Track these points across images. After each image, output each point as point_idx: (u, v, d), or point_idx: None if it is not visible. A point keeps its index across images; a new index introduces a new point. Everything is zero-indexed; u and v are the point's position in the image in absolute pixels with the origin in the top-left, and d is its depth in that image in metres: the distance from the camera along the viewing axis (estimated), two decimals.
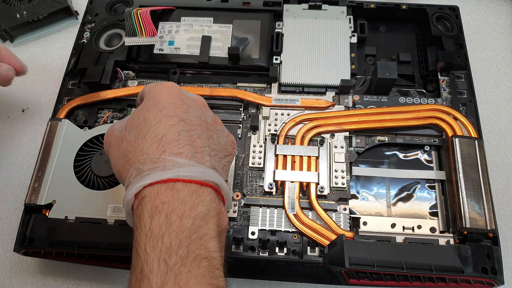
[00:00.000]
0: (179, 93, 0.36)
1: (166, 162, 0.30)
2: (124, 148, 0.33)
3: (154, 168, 0.30)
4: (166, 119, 0.33)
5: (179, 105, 0.34)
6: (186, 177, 0.30)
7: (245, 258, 0.47)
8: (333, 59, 0.57)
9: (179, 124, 0.33)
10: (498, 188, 0.56)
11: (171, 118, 0.33)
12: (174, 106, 0.34)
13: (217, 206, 0.32)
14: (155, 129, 0.32)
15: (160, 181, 0.30)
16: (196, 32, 0.60)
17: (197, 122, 0.34)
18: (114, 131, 0.36)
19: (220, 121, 0.39)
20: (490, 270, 0.43)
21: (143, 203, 0.30)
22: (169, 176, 0.30)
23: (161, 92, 0.35)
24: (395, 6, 0.62)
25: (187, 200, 0.30)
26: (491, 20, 0.69)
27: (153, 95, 0.35)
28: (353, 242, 0.44)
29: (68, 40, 0.68)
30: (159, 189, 0.30)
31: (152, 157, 0.31)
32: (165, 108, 0.33)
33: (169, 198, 0.29)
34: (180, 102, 0.34)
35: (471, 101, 0.55)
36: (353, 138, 0.53)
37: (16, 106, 0.63)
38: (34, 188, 0.48)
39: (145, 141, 0.32)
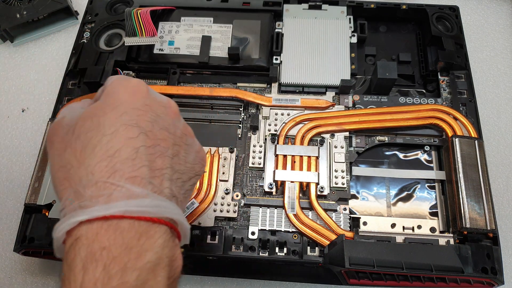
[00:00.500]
0: (147, 96, 0.29)
1: (113, 190, 0.24)
2: (67, 158, 0.26)
3: (97, 197, 0.24)
4: (124, 129, 0.26)
5: (144, 111, 0.28)
6: (135, 212, 0.24)
7: (245, 258, 0.47)
8: (333, 59, 0.57)
9: (139, 138, 0.26)
10: (498, 188, 0.56)
11: (130, 128, 0.26)
12: (137, 112, 0.28)
13: (170, 251, 0.26)
14: (109, 140, 0.26)
15: (102, 217, 0.23)
16: (196, 32, 0.60)
17: (162, 135, 0.28)
18: (60, 127, 0.29)
19: (191, 132, 0.33)
20: (490, 270, 0.43)
21: (76, 247, 0.23)
22: (114, 212, 0.23)
23: (124, 91, 0.28)
24: (395, 6, 0.62)
25: (133, 245, 0.23)
26: (491, 20, 0.69)
27: (115, 93, 0.28)
28: (353, 242, 0.44)
29: (68, 40, 0.68)
30: (99, 228, 0.23)
31: (98, 179, 0.24)
32: (126, 114, 0.27)
33: (111, 241, 0.23)
34: (145, 108, 0.28)
35: (471, 101, 0.55)
36: (353, 138, 0.53)
37: (16, 106, 0.63)
38: (34, 188, 0.48)
39: (94, 155, 0.25)
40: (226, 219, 0.49)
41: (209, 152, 0.52)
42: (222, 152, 0.52)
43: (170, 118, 0.30)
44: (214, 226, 0.48)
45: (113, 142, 0.26)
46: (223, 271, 0.51)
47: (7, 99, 0.64)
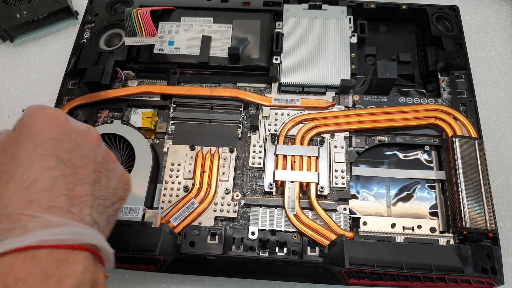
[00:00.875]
0: (65, 124, 0.29)
1: (28, 222, 0.23)
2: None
3: (11, 230, 0.23)
4: (40, 160, 0.26)
5: (61, 141, 0.27)
6: (52, 241, 0.23)
7: (245, 258, 0.47)
8: (333, 59, 0.57)
9: (57, 168, 0.26)
10: (498, 188, 0.56)
11: (47, 158, 0.26)
12: (54, 142, 0.27)
13: (93, 275, 0.26)
14: (24, 172, 0.25)
15: (16, 249, 0.22)
16: (196, 32, 0.60)
17: (82, 163, 0.28)
18: None
19: (114, 157, 0.33)
20: (490, 270, 0.43)
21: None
22: (29, 242, 0.23)
23: (41, 121, 0.28)
24: (395, 6, 0.62)
25: (51, 273, 0.23)
26: (491, 20, 0.69)
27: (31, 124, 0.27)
28: (353, 242, 0.44)
29: (68, 40, 0.68)
30: (14, 260, 0.22)
31: (12, 211, 0.24)
32: (43, 145, 0.26)
33: (27, 272, 0.22)
34: (63, 137, 0.28)
35: (471, 101, 0.55)
36: (353, 138, 0.53)
37: (16, 106, 0.63)
38: None
39: (8, 188, 0.24)
40: (226, 219, 0.49)
41: (209, 152, 0.52)
42: (222, 152, 0.52)
43: (90, 145, 0.30)
44: (214, 226, 0.48)
45: (29, 174, 0.25)
46: (223, 271, 0.51)
47: (7, 99, 0.64)
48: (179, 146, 0.53)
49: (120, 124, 0.53)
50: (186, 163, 0.51)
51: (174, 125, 0.56)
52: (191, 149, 0.52)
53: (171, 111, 0.56)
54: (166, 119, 0.56)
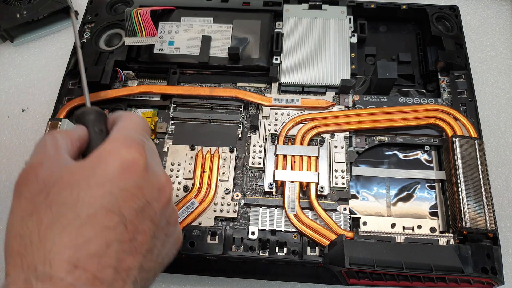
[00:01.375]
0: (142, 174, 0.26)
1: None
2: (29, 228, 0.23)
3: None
4: (103, 215, 0.23)
5: (132, 196, 0.25)
6: None
7: (245, 258, 0.47)
8: (333, 59, 0.57)
9: (116, 230, 0.24)
10: (498, 188, 0.56)
11: (110, 215, 0.24)
12: (124, 196, 0.25)
13: None
14: (82, 225, 0.23)
15: None
16: (196, 32, 0.60)
17: (144, 226, 0.25)
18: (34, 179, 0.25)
19: (176, 220, 0.31)
20: (490, 270, 0.43)
21: None
22: None
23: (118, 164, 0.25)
24: (395, 6, 0.62)
25: None
26: (491, 20, 0.69)
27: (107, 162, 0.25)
28: (353, 242, 0.44)
29: (68, 40, 0.68)
30: None
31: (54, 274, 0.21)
32: (111, 196, 0.24)
33: None
34: (135, 192, 0.25)
35: (471, 101, 0.55)
36: (353, 138, 0.53)
37: (16, 106, 0.63)
38: None
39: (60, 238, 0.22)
40: (226, 219, 0.49)
41: (209, 152, 0.52)
42: (222, 152, 0.52)
43: (160, 205, 0.27)
44: (214, 226, 0.48)
45: (86, 229, 0.23)
46: (223, 271, 0.51)
47: (7, 99, 0.64)
48: (179, 146, 0.53)
49: None
50: (186, 163, 0.51)
51: (174, 125, 0.56)
52: (191, 149, 0.52)
53: (171, 111, 0.56)
54: (166, 119, 0.56)
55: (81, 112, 0.31)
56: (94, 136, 0.30)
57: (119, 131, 0.29)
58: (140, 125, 0.30)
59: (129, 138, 0.27)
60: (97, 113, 0.31)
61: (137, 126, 0.30)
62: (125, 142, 0.27)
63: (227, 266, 0.51)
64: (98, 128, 0.30)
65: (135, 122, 0.30)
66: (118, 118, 0.31)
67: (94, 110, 0.31)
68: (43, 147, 0.26)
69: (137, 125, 0.30)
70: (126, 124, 0.29)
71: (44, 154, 0.26)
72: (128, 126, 0.29)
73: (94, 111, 0.31)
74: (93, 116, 0.31)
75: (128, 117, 0.30)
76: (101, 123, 0.31)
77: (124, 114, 0.31)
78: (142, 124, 0.30)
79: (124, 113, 0.31)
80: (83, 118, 0.31)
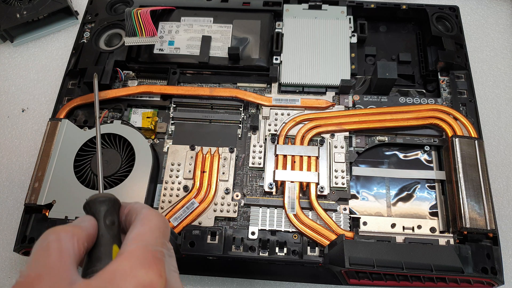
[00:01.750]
0: None
1: None
2: None
3: None
4: None
5: None
6: None
7: (245, 258, 0.47)
8: (333, 59, 0.57)
9: None
10: (498, 188, 0.56)
11: None
12: None
13: None
14: None
15: None
16: (196, 32, 0.60)
17: None
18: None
19: None
20: (490, 270, 0.43)
21: None
22: None
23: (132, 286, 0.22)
24: (395, 6, 0.62)
25: None
26: (491, 20, 0.69)
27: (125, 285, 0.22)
28: (353, 242, 0.44)
29: (68, 40, 0.68)
30: None
31: None
32: None
33: None
34: None
35: (471, 101, 0.55)
36: (353, 138, 0.53)
37: (16, 106, 0.63)
38: (34, 188, 0.48)
39: None
40: (226, 219, 0.49)
41: (209, 152, 0.52)
42: (222, 152, 0.52)
43: None
44: (214, 226, 0.48)
45: None
46: (223, 271, 0.51)
47: (7, 99, 0.64)
48: (179, 146, 0.53)
49: (120, 124, 0.53)
50: (186, 163, 0.51)
51: (174, 125, 0.56)
52: (191, 149, 0.52)
53: (171, 111, 0.56)
54: (166, 119, 0.56)
55: (92, 200, 0.27)
56: (105, 232, 0.26)
57: (136, 240, 0.25)
58: (160, 230, 0.26)
59: (148, 254, 0.24)
60: (110, 202, 0.28)
61: (157, 232, 0.26)
62: (143, 260, 0.23)
63: (227, 266, 0.51)
64: (110, 220, 0.27)
65: (156, 227, 0.26)
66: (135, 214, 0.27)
67: (107, 199, 0.28)
68: (45, 252, 0.22)
69: (157, 230, 0.26)
70: (145, 230, 0.26)
71: (46, 264, 0.22)
72: (147, 234, 0.25)
73: (107, 200, 0.28)
74: (106, 207, 0.27)
75: (147, 218, 0.26)
76: (113, 214, 0.27)
77: (142, 211, 0.27)
78: (163, 227, 0.27)
79: (142, 210, 0.27)
80: (94, 208, 0.27)
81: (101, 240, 0.26)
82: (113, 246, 0.26)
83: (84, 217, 0.27)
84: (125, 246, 0.24)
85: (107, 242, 0.26)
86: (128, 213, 0.27)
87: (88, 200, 0.28)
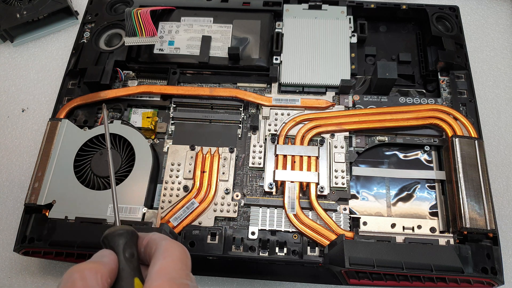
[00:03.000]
0: None
1: None
2: None
3: None
4: None
5: None
6: None
7: (245, 258, 0.47)
8: (333, 59, 0.57)
9: None
10: (498, 188, 0.56)
11: None
12: None
13: None
14: None
15: None
16: (196, 32, 0.60)
17: None
18: None
19: None
20: (490, 270, 0.43)
21: None
22: None
23: None
24: (395, 6, 0.62)
25: None
26: (491, 20, 0.69)
27: None
28: (353, 242, 0.44)
29: (68, 40, 0.68)
30: None
31: None
32: None
33: None
34: None
35: (471, 101, 0.55)
36: (353, 138, 0.53)
37: (16, 106, 0.63)
38: (34, 188, 0.48)
39: None
40: (226, 219, 0.49)
41: (209, 152, 0.52)
42: (222, 152, 0.52)
43: None
44: (214, 226, 0.48)
45: None
46: (223, 271, 0.51)
47: (7, 99, 0.64)
48: (179, 146, 0.53)
49: (120, 124, 0.53)
50: (186, 163, 0.51)
51: (174, 125, 0.56)
52: (191, 149, 0.52)
53: (171, 111, 0.56)
54: (166, 119, 0.56)
55: (110, 234, 0.27)
56: (125, 265, 0.26)
57: (161, 274, 0.25)
58: (183, 262, 0.26)
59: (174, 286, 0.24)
60: (128, 234, 0.27)
61: (180, 264, 0.26)
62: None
63: (227, 266, 0.51)
64: (129, 253, 0.27)
65: (178, 259, 0.26)
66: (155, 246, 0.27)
67: (125, 232, 0.27)
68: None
69: (180, 262, 0.26)
70: (168, 263, 0.26)
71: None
72: (170, 267, 0.25)
73: (125, 233, 0.27)
74: (124, 240, 0.27)
75: (169, 250, 0.26)
76: (132, 246, 0.27)
77: (162, 243, 0.27)
78: (185, 259, 0.27)
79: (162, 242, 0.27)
80: (112, 241, 0.27)
81: (123, 274, 0.26)
82: (135, 279, 0.26)
83: (103, 251, 0.26)
84: (150, 281, 0.24)
85: (128, 275, 0.26)
86: (147, 245, 0.27)
87: (106, 234, 0.27)
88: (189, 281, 0.26)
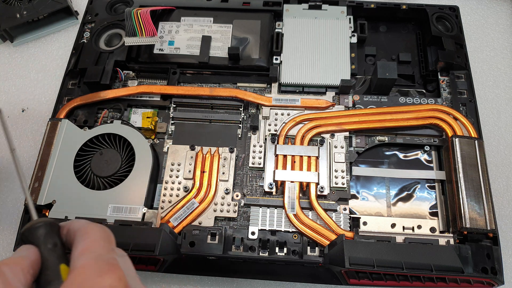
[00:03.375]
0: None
1: None
2: None
3: None
4: None
5: None
6: None
7: (245, 258, 0.47)
8: (333, 59, 0.57)
9: None
10: (498, 188, 0.56)
11: None
12: None
13: None
14: None
15: None
16: (196, 32, 0.60)
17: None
18: None
19: None
20: (490, 270, 0.43)
21: None
22: None
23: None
24: (395, 6, 0.62)
25: None
26: (491, 20, 0.69)
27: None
28: (353, 242, 0.44)
29: (68, 40, 0.68)
30: None
31: None
32: None
33: None
34: None
35: (471, 101, 0.55)
36: (353, 138, 0.53)
37: (16, 106, 0.63)
38: (34, 188, 0.48)
39: None
40: (226, 219, 0.49)
41: (209, 152, 0.52)
42: (222, 152, 0.52)
43: None
44: (214, 226, 0.48)
45: None
46: (223, 271, 0.51)
47: (7, 99, 0.64)
48: (179, 146, 0.53)
49: (120, 124, 0.53)
50: (186, 163, 0.51)
51: (174, 125, 0.56)
52: (191, 149, 0.52)
53: (171, 111, 0.56)
54: (166, 119, 0.56)
55: (27, 228, 0.26)
56: (48, 255, 0.26)
57: (84, 254, 0.24)
58: (104, 239, 0.26)
59: (100, 262, 0.24)
60: (46, 225, 0.26)
61: (102, 241, 0.26)
62: (97, 270, 0.23)
63: (227, 266, 0.51)
64: (51, 243, 0.26)
65: (98, 237, 0.26)
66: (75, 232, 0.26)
67: (42, 223, 0.26)
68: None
69: (101, 240, 0.26)
70: (90, 243, 0.25)
71: None
72: (92, 245, 0.25)
73: (43, 225, 0.26)
74: (43, 231, 0.26)
75: (88, 232, 0.26)
76: (53, 236, 0.26)
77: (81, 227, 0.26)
78: (106, 236, 0.26)
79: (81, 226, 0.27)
80: (31, 235, 0.26)
81: (47, 264, 0.25)
82: (61, 266, 0.25)
83: (21, 247, 0.26)
84: (74, 263, 0.24)
85: (53, 264, 0.25)
86: (68, 232, 0.27)
87: (22, 230, 0.26)
88: (116, 256, 0.25)
